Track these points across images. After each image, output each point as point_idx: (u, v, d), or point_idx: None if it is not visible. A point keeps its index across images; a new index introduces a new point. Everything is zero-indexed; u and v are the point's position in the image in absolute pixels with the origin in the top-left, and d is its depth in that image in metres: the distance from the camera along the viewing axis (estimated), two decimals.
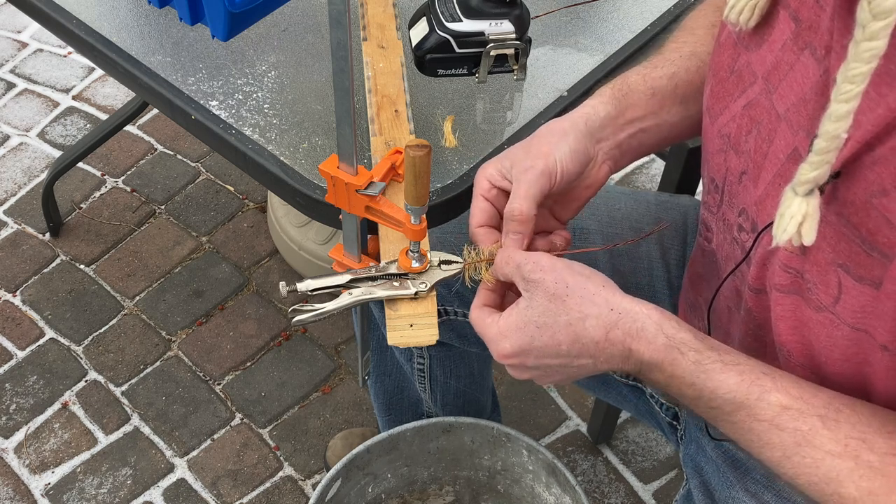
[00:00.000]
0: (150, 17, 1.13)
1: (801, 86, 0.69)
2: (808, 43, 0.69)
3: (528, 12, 0.98)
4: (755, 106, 0.75)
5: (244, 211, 2.11)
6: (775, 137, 0.73)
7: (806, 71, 0.69)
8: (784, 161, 0.71)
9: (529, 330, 0.74)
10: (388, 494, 1.32)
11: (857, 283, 0.65)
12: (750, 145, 0.76)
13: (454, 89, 1.07)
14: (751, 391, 0.70)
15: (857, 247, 0.64)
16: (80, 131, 2.26)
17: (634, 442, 1.77)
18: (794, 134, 0.70)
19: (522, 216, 0.79)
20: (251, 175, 1.03)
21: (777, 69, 0.73)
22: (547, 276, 0.74)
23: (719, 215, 0.85)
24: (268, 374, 1.85)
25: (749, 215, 0.77)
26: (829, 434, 0.68)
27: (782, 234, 0.65)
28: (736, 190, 0.79)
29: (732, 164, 0.79)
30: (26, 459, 1.74)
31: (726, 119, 0.79)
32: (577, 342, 0.73)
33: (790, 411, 0.69)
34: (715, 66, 0.82)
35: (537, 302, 0.74)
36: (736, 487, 0.93)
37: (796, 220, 0.64)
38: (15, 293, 1.97)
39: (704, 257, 0.92)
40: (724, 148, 0.80)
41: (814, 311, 0.71)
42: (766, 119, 0.74)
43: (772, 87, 0.73)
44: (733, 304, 0.86)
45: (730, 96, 0.79)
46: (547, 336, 0.74)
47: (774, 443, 0.70)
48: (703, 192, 0.90)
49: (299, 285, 0.84)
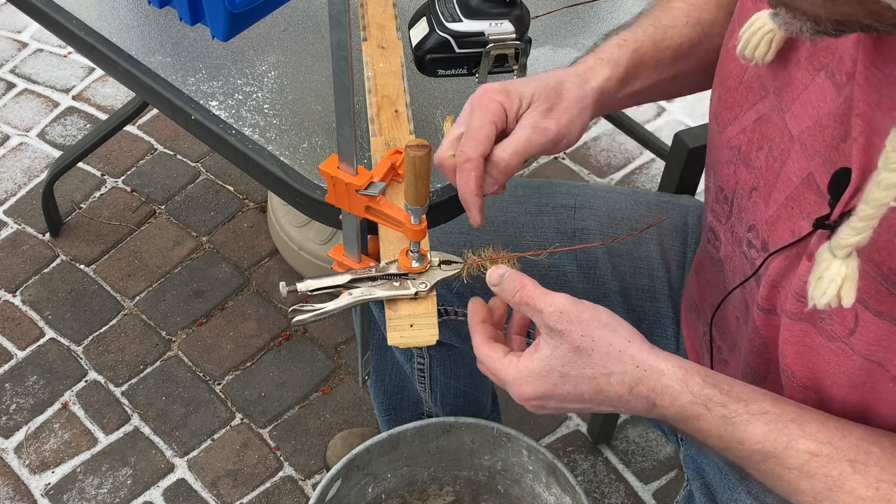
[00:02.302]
0: (150, 17, 1.13)
1: (817, 109, 0.68)
2: (823, 65, 0.68)
3: (528, 12, 0.98)
4: (767, 122, 0.75)
5: (244, 211, 2.11)
6: (788, 159, 0.72)
7: (822, 94, 0.68)
8: (797, 185, 0.71)
9: (552, 378, 0.73)
10: (388, 494, 1.32)
11: (876, 317, 0.65)
12: (761, 162, 0.75)
13: (454, 89, 1.07)
14: (778, 440, 0.70)
15: (879, 284, 0.64)
16: (80, 131, 2.26)
17: (634, 442, 1.77)
18: (810, 159, 0.69)
19: (508, 169, 0.78)
20: (251, 175, 1.03)
21: (790, 87, 0.72)
22: (573, 329, 0.73)
23: (728, 226, 0.84)
24: (268, 374, 1.85)
25: (759, 233, 0.77)
26: (860, 479, 0.68)
27: (822, 298, 0.64)
28: (745, 204, 0.79)
29: (742, 177, 0.79)
30: (26, 459, 1.74)
31: (736, 130, 0.79)
32: (600, 394, 0.73)
33: (819, 458, 0.69)
34: (723, 73, 0.81)
35: (561, 352, 0.73)
36: (738, 490, 0.93)
37: (836, 283, 0.63)
38: (15, 293, 1.97)
39: (713, 265, 0.92)
40: (733, 160, 0.80)
41: (826, 339, 0.70)
42: (779, 138, 0.73)
43: (784, 104, 0.72)
44: (742, 316, 0.86)
45: (739, 107, 0.78)
46: (570, 386, 0.73)
47: (805, 489, 0.70)
48: (707, 198, 0.89)
49: (299, 285, 0.84)
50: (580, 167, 2.19)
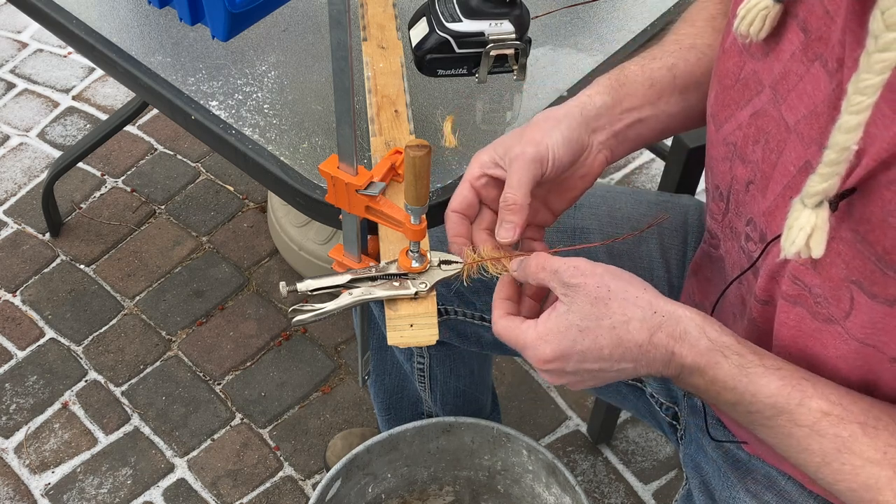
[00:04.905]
0: (150, 17, 1.13)
1: (812, 98, 0.69)
2: (818, 54, 0.69)
3: (528, 12, 0.98)
4: (762, 116, 0.75)
5: (244, 211, 2.11)
6: (785, 149, 0.72)
7: (817, 83, 0.69)
8: (795, 174, 0.71)
9: (571, 334, 0.73)
10: (388, 494, 1.32)
11: (871, 300, 0.65)
12: (757, 155, 0.76)
13: (454, 89, 1.07)
14: (791, 396, 0.70)
15: (873, 265, 0.64)
16: (80, 131, 2.26)
17: (634, 442, 1.77)
18: (806, 147, 0.70)
19: (516, 205, 0.79)
20: (251, 175, 1.03)
21: (785, 79, 0.72)
22: (588, 280, 0.73)
23: (725, 223, 0.84)
24: (268, 374, 1.85)
25: (757, 225, 0.77)
26: (869, 441, 0.68)
27: (791, 247, 0.64)
28: (743, 199, 0.79)
29: (739, 172, 0.79)
30: (26, 459, 1.74)
31: (732, 127, 0.79)
32: (620, 346, 0.72)
33: (830, 417, 0.69)
34: (720, 72, 0.81)
35: (578, 306, 0.73)
36: (737, 487, 0.93)
37: (805, 232, 0.63)
38: (15, 293, 1.98)
39: (712, 263, 0.92)
40: (729, 156, 0.80)
41: (822, 322, 0.71)
42: (775, 130, 0.73)
43: (780, 97, 0.73)
44: (738, 312, 0.86)
45: (735, 104, 0.79)
46: (589, 340, 0.72)
47: (814, 449, 0.70)
48: (707, 199, 0.90)
49: (299, 285, 0.84)
50: None
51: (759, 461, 0.92)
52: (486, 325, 1.14)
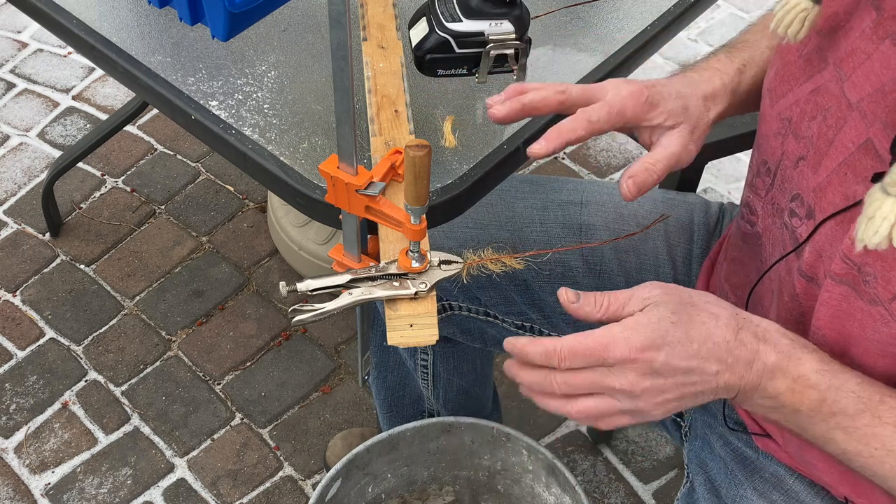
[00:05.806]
0: (150, 17, 1.13)
1: (880, 76, 0.68)
2: (889, 32, 0.68)
3: (528, 12, 0.98)
4: (823, 92, 0.75)
5: (244, 211, 2.11)
6: (844, 126, 0.72)
7: (887, 61, 0.68)
8: (853, 151, 0.71)
9: (664, 325, 0.71)
10: (388, 494, 1.32)
11: None
12: (813, 131, 0.75)
13: (454, 89, 1.07)
14: (872, 394, 0.70)
15: None
16: (80, 131, 2.26)
17: (634, 442, 1.77)
18: (869, 125, 0.69)
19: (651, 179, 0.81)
20: (251, 175, 1.03)
21: (852, 57, 0.72)
22: (668, 289, 0.73)
23: (768, 199, 0.84)
24: (268, 374, 1.85)
25: (805, 201, 0.77)
26: None
27: (873, 237, 0.62)
28: (791, 174, 0.79)
29: (790, 147, 0.79)
30: (26, 459, 1.74)
31: (789, 102, 0.79)
32: (710, 339, 0.71)
33: None
34: (783, 48, 0.81)
35: (666, 304, 0.72)
36: (744, 486, 0.92)
37: (889, 221, 0.62)
38: (15, 293, 1.98)
39: (745, 241, 0.91)
40: (782, 131, 0.80)
41: (866, 303, 0.70)
42: (836, 107, 0.73)
43: (844, 74, 0.72)
44: (776, 289, 0.85)
45: (795, 80, 0.78)
46: (681, 331, 0.70)
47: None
48: (748, 176, 0.90)
49: (299, 285, 0.84)
50: (580, 167, 2.19)
51: (767, 459, 0.92)
52: (491, 320, 1.14)
